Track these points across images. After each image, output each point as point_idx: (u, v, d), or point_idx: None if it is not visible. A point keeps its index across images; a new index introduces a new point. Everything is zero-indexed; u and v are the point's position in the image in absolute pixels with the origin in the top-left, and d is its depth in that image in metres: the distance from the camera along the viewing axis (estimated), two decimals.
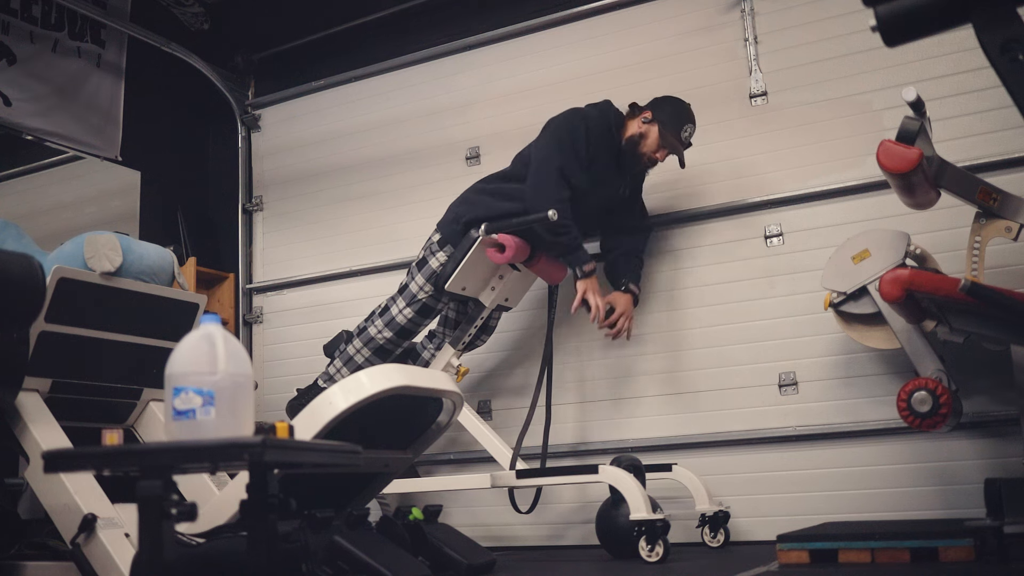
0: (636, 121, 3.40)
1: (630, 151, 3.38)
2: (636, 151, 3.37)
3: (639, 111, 3.42)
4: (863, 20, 1.75)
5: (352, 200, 4.52)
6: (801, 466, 3.42)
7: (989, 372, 3.13)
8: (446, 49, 4.38)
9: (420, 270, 3.43)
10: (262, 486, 1.57)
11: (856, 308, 3.00)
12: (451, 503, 3.85)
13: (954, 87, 3.37)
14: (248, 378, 1.61)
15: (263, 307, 4.70)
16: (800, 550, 2.53)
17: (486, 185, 3.49)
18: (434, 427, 2.75)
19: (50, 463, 1.58)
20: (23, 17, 4.07)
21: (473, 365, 3.86)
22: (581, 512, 3.71)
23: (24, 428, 2.48)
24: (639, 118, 3.39)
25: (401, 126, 4.45)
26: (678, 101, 3.42)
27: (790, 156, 3.63)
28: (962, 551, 2.37)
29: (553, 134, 3.36)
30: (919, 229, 3.18)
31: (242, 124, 4.85)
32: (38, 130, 4.10)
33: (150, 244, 2.88)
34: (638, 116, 3.40)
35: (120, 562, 2.25)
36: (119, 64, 4.48)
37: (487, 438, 3.41)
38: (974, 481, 3.06)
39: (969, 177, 2.74)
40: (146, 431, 2.95)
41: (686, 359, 3.69)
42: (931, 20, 1.30)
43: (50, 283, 2.48)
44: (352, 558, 2.21)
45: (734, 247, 3.67)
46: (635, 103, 3.45)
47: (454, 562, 2.66)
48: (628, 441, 3.72)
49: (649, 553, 2.81)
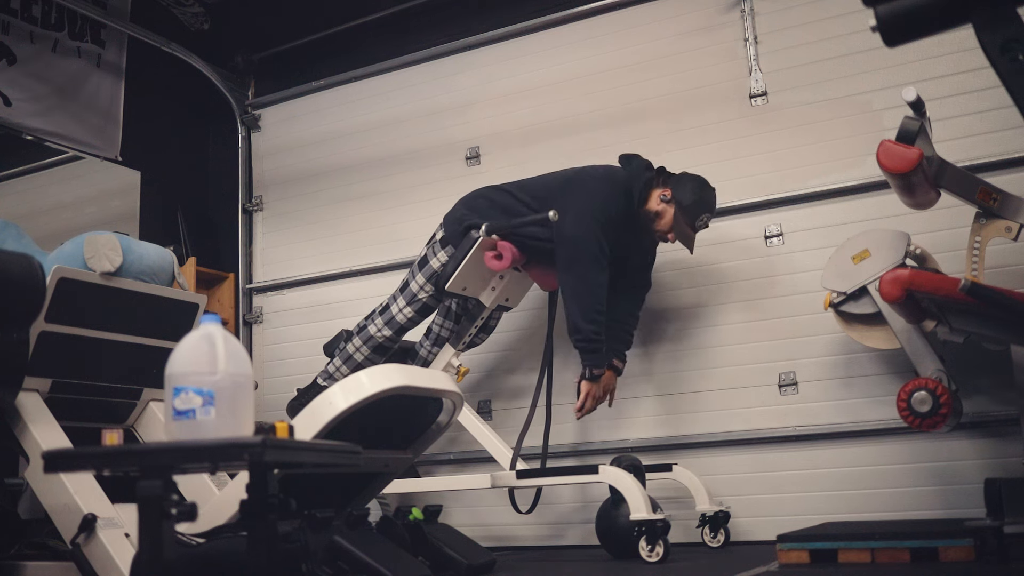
0: (656, 195, 3.27)
1: (646, 224, 3.32)
2: (650, 227, 3.31)
3: (663, 183, 3.30)
4: (863, 20, 1.74)
5: (352, 200, 4.52)
6: (801, 466, 3.43)
7: (989, 372, 3.13)
8: (446, 49, 4.38)
9: (421, 269, 3.43)
10: (262, 486, 1.57)
11: (856, 308, 3.00)
12: (451, 503, 3.85)
13: (954, 87, 3.37)
14: (248, 378, 1.61)
15: (263, 307, 4.70)
16: (800, 550, 2.53)
17: (498, 197, 3.41)
18: (434, 427, 2.75)
19: (50, 463, 1.58)
20: (23, 17, 4.07)
21: (473, 365, 3.86)
22: (581, 512, 3.71)
23: (24, 428, 2.48)
24: (660, 192, 3.27)
25: (401, 126, 4.45)
26: (703, 185, 3.27)
27: (790, 156, 3.63)
28: (962, 551, 2.37)
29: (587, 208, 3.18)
30: (919, 229, 3.18)
31: (242, 124, 4.85)
32: (38, 130, 4.10)
33: (150, 244, 2.88)
34: (660, 189, 3.28)
35: (120, 562, 2.25)
36: (119, 64, 4.48)
37: (487, 438, 3.41)
38: (974, 481, 3.06)
39: (969, 177, 2.74)
40: (146, 431, 2.95)
41: (686, 359, 3.69)
42: (931, 20, 1.30)
43: (50, 283, 2.48)
44: (352, 558, 2.21)
45: (734, 247, 3.67)
46: (663, 168, 3.33)
47: (454, 562, 2.66)
48: (628, 441, 3.72)
49: (649, 553, 2.81)
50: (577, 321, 3.15)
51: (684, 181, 3.27)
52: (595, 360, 3.22)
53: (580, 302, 3.15)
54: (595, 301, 3.15)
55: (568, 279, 3.19)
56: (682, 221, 3.22)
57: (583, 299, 3.15)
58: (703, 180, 3.29)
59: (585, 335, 3.15)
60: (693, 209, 3.22)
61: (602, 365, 3.24)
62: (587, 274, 3.14)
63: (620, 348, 3.47)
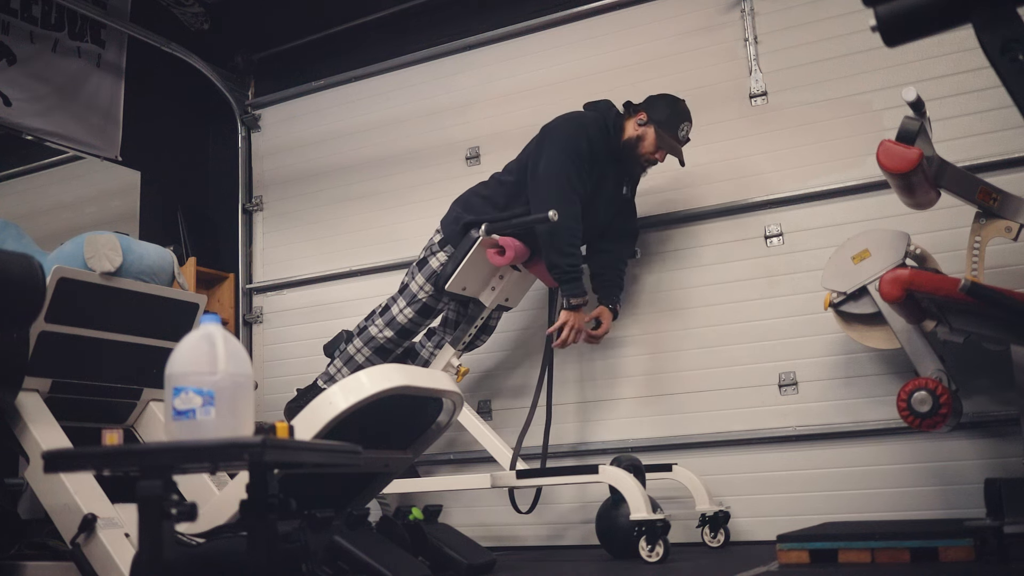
0: (632, 123, 3.38)
1: (628, 154, 3.38)
2: (634, 153, 3.37)
3: (634, 111, 3.40)
4: (863, 20, 1.75)
5: (352, 200, 4.52)
6: (801, 466, 3.42)
7: (989, 372, 3.13)
8: (446, 49, 4.38)
9: (420, 270, 3.43)
10: (262, 486, 1.57)
11: (856, 308, 3.00)
12: (451, 503, 3.85)
13: (954, 87, 3.37)
14: (248, 378, 1.61)
15: (263, 307, 4.70)
16: (800, 550, 2.53)
17: (485, 191, 3.46)
18: (434, 427, 2.75)
19: (50, 463, 1.58)
20: (23, 17, 4.07)
21: (473, 365, 3.86)
22: (581, 512, 3.71)
23: (24, 428, 2.48)
24: (635, 119, 3.38)
25: (401, 126, 4.45)
26: (672, 99, 3.40)
27: (790, 156, 3.63)
28: (962, 551, 2.37)
29: (557, 146, 3.28)
30: (919, 229, 3.18)
31: (242, 124, 4.85)
32: (38, 130, 4.10)
33: (150, 244, 2.88)
34: (633, 117, 3.39)
35: (120, 562, 2.25)
36: (119, 64, 4.48)
37: (487, 438, 3.41)
38: (974, 481, 3.06)
39: (969, 177, 2.74)
40: (146, 431, 2.95)
41: (686, 359, 3.69)
42: (931, 20, 1.30)
43: (50, 283, 2.48)
44: (352, 558, 2.21)
45: (734, 247, 3.67)
46: (629, 102, 3.44)
47: (454, 562, 2.66)
48: (628, 441, 3.72)
49: (649, 553, 2.81)
50: (552, 256, 3.22)
51: (654, 101, 3.40)
52: (572, 289, 3.25)
53: (554, 237, 3.19)
54: (569, 235, 3.21)
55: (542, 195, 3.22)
56: (665, 136, 3.32)
57: (557, 234, 3.19)
58: (671, 96, 3.42)
59: (561, 267, 3.21)
60: (672, 122, 3.34)
61: (580, 294, 3.26)
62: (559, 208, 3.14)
63: (615, 292, 3.52)
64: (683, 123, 3.37)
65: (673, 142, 3.35)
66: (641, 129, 3.36)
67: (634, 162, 3.41)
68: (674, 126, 3.34)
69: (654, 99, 3.41)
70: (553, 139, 3.32)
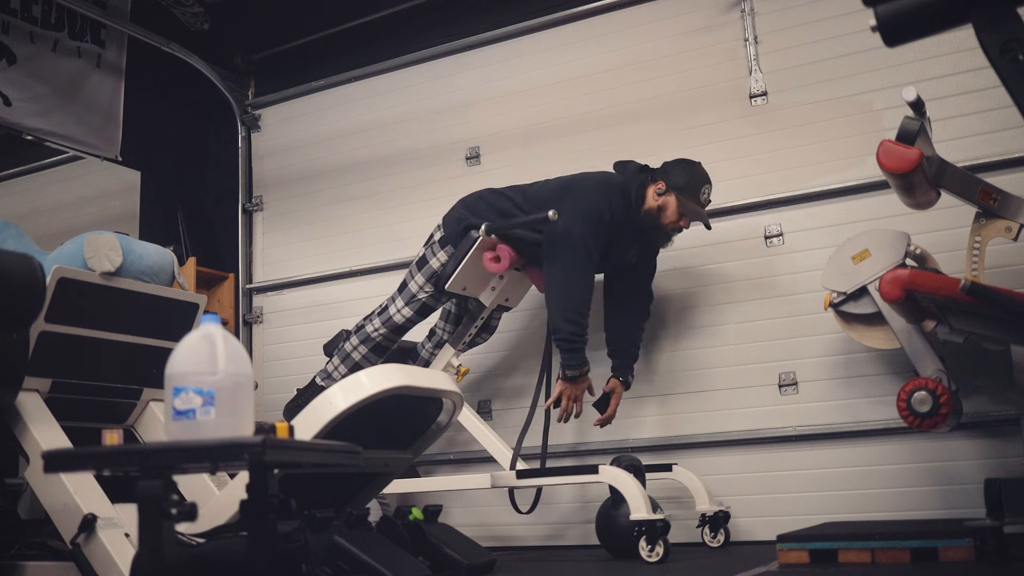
0: (651, 192, 3.27)
1: (650, 225, 3.29)
2: (657, 223, 3.28)
3: (652, 180, 3.29)
4: (863, 20, 1.75)
5: (352, 200, 4.52)
6: (801, 466, 3.43)
7: (989, 372, 3.13)
8: (446, 49, 4.38)
9: (420, 269, 3.42)
10: (262, 486, 1.57)
11: (856, 308, 3.00)
12: (451, 503, 3.85)
13: (954, 87, 3.37)
14: (248, 378, 1.61)
15: (263, 307, 4.70)
16: (800, 550, 2.53)
17: (493, 198, 3.40)
18: (434, 427, 2.75)
19: (50, 463, 1.58)
20: (23, 17, 4.06)
21: (473, 365, 3.86)
22: (581, 512, 3.71)
23: (24, 428, 2.48)
24: (653, 188, 3.27)
25: (401, 126, 4.45)
26: (688, 163, 3.29)
27: (790, 156, 3.63)
28: (962, 551, 2.37)
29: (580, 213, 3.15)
30: (919, 229, 3.18)
31: (242, 124, 4.85)
32: (38, 130, 4.10)
33: (150, 244, 2.88)
34: (653, 186, 3.28)
35: (120, 562, 2.25)
36: (119, 64, 4.47)
37: (487, 438, 3.41)
38: (974, 481, 3.06)
39: (969, 177, 2.74)
40: (146, 431, 2.95)
41: (686, 359, 3.69)
42: (931, 20, 1.30)
43: (50, 283, 2.47)
44: (352, 558, 2.21)
45: (734, 247, 3.67)
46: (646, 166, 3.34)
47: (454, 562, 2.66)
48: (628, 441, 3.72)
49: (649, 553, 2.81)
50: (556, 320, 3.14)
51: (671, 168, 3.29)
52: (571, 359, 3.17)
53: (561, 301, 3.14)
54: (577, 301, 3.13)
55: (552, 275, 3.18)
56: (687, 202, 3.23)
57: (565, 298, 3.13)
58: (687, 160, 3.32)
59: (563, 335, 3.13)
60: (692, 187, 3.24)
61: (577, 366, 3.18)
62: (571, 272, 3.13)
63: (627, 362, 3.45)
64: (703, 186, 3.25)
65: (696, 207, 3.25)
66: (662, 199, 3.25)
67: (657, 232, 3.32)
68: (695, 190, 3.24)
69: (670, 165, 3.30)
70: (578, 201, 3.20)
